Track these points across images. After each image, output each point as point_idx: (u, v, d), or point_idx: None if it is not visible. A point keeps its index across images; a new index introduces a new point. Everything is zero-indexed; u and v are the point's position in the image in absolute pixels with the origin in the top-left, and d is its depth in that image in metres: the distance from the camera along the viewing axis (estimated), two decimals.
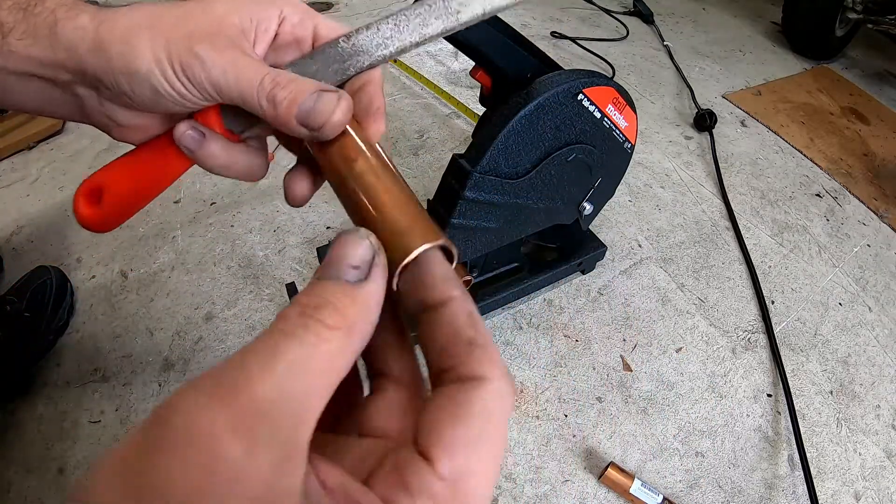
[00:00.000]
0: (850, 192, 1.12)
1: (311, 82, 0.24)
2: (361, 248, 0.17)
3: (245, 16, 0.25)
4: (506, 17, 0.69)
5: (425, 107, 1.24)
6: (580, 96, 0.62)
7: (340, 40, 0.26)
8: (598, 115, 0.66)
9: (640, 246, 0.95)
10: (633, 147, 0.73)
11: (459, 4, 0.25)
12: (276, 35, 0.26)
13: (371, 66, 0.26)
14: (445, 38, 0.64)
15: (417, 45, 0.25)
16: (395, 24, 0.25)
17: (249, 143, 0.28)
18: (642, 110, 1.27)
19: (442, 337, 0.17)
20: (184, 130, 0.25)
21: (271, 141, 0.31)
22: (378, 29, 0.25)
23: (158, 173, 0.28)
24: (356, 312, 0.16)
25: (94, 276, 0.83)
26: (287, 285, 0.77)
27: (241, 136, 0.27)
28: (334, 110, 0.23)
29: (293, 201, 0.28)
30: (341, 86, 0.26)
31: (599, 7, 1.75)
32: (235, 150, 0.27)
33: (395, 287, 0.19)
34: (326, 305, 0.16)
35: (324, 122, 0.23)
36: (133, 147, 0.28)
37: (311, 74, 0.26)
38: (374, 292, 0.17)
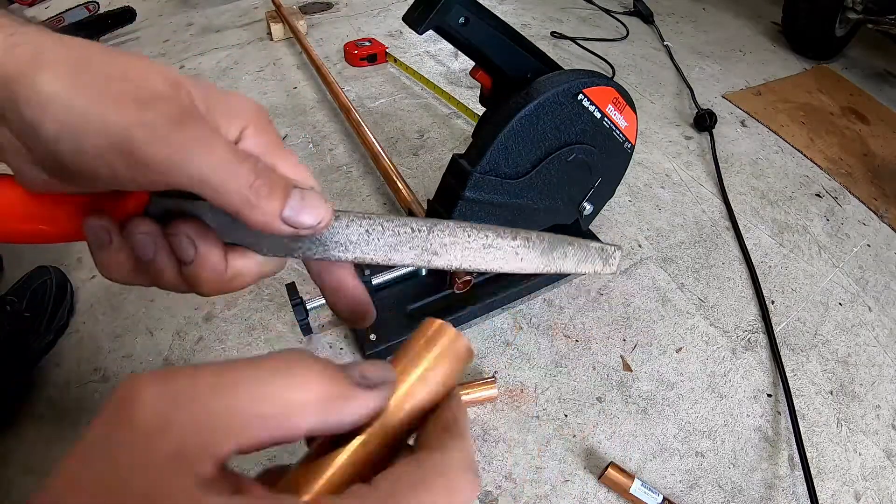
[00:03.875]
0: (850, 192, 1.12)
1: (285, 176, 0.21)
2: (377, 369, 0.19)
3: (204, 100, 0.20)
4: (506, 17, 0.70)
5: (425, 107, 1.24)
6: (580, 96, 0.62)
7: None
8: (598, 115, 0.66)
9: (640, 246, 0.95)
10: (633, 147, 0.73)
11: (441, 246, 0.25)
12: None
13: (319, 262, 0.25)
14: (445, 38, 0.64)
15: (377, 264, 0.24)
16: (366, 231, 0.24)
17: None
18: (642, 110, 1.27)
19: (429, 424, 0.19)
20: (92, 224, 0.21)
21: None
22: (347, 226, 0.24)
23: (55, 230, 0.22)
24: (338, 397, 0.17)
25: (94, 276, 0.83)
26: (287, 285, 0.77)
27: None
28: (321, 205, 0.21)
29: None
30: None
31: (599, 7, 1.75)
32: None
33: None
34: (325, 371, 0.17)
35: (318, 222, 0.21)
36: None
37: (248, 239, 0.23)
38: (366, 399, 0.18)
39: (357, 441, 0.18)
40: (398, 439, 0.19)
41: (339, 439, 0.18)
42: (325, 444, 0.18)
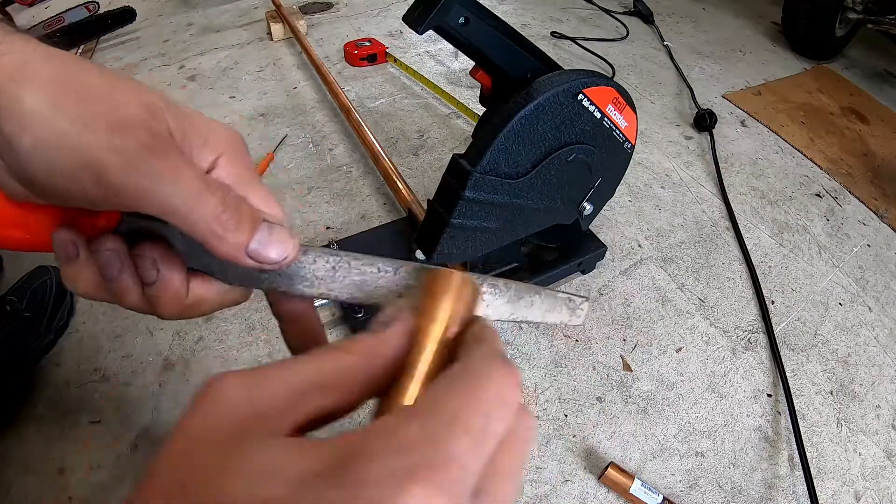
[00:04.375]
0: (850, 192, 1.12)
1: (254, 208, 0.22)
2: (388, 310, 0.21)
3: (179, 126, 0.21)
4: (506, 17, 0.70)
5: (425, 107, 1.24)
6: (580, 96, 0.62)
7: None
8: (598, 115, 0.66)
9: (640, 246, 0.95)
10: (633, 147, 0.73)
11: (406, 288, 0.25)
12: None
13: (283, 294, 0.25)
14: (445, 38, 0.64)
15: (343, 302, 0.24)
16: (333, 268, 0.24)
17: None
18: (642, 110, 1.27)
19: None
20: (62, 238, 0.22)
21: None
22: (314, 261, 0.24)
23: (30, 237, 0.23)
24: (371, 347, 0.19)
25: None
26: None
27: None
28: (287, 241, 0.22)
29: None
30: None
31: (599, 7, 1.75)
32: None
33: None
34: (349, 340, 0.19)
35: (282, 258, 0.22)
36: None
37: (214, 268, 0.23)
38: (389, 335, 0.20)
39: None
40: None
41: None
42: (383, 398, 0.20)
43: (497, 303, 0.26)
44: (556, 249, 0.84)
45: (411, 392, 0.19)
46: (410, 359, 0.19)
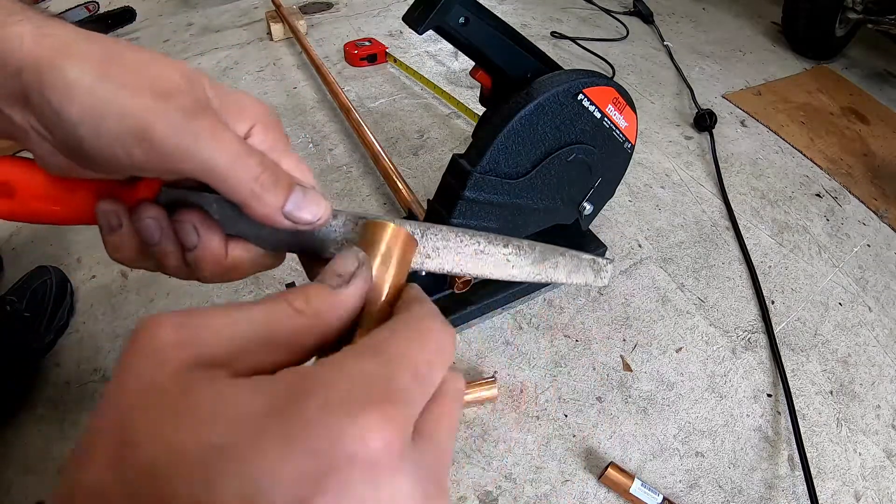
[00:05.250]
0: (850, 192, 1.12)
1: (288, 173, 0.23)
2: (347, 261, 0.20)
3: (217, 97, 0.22)
4: (506, 17, 0.70)
5: (425, 107, 1.24)
6: (580, 96, 0.62)
7: None
8: (598, 115, 0.66)
9: (640, 246, 0.95)
10: (633, 147, 0.73)
11: (433, 249, 0.25)
12: None
13: (315, 257, 0.25)
14: (445, 38, 0.64)
15: None
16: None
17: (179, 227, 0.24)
18: (642, 110, 1.27)
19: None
20: (104, 209, 0.23)
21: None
22: (343, 224, 0.24)
23: (70, 212, 0.24)
24: (323, 306, 0.18)
25: (94, 276, 0.83)
26: (287, 285, 0.77)
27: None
28: (320, 203, 0.23)
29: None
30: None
31: (599, 7, 1.75)
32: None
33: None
34: (300, 293, 0.18)
35: (316, 219, 0.22)
36: None
37: (249, 232, 0.24)
38: (348, 295, 0.19)
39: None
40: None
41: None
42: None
43: (522, 263, 0.27)
44: None
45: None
46: (359, 316, 0.19)
